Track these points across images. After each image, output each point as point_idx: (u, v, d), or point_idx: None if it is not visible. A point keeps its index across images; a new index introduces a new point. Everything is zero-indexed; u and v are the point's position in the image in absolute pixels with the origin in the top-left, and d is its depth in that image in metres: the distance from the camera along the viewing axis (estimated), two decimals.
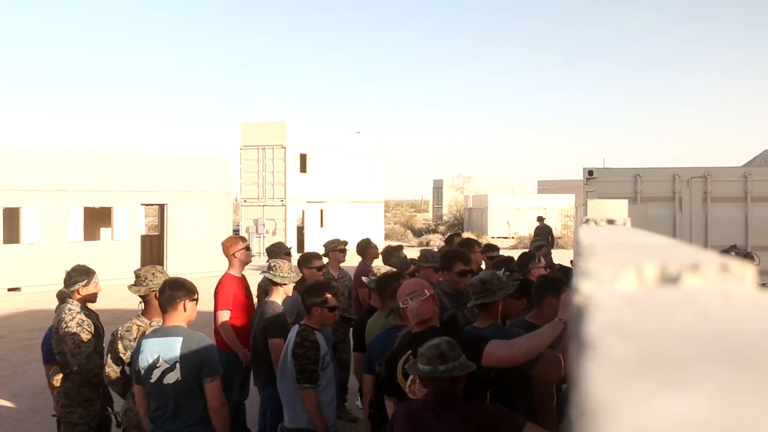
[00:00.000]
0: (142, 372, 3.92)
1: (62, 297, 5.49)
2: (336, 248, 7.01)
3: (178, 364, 3.86)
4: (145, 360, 3.91)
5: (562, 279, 4.47)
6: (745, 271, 0.57)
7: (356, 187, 31.35)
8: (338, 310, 4.61)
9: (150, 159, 19.77)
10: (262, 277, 6.58)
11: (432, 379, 3.02)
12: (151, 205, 21.72)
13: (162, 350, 3.88)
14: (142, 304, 4.65)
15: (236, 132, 29.10)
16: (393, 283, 4.81)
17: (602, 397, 0.33)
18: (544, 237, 19.42)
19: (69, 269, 5.09)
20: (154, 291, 4.50)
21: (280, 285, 5.18)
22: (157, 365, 3.87)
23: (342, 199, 30.15)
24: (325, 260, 6.80)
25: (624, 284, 0.57)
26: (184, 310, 3.98)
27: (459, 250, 5.33)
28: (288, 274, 5.20)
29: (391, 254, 6.55)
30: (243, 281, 5.84)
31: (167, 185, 19.62)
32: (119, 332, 4.51)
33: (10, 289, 16.74)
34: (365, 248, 7.21)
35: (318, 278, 5.90)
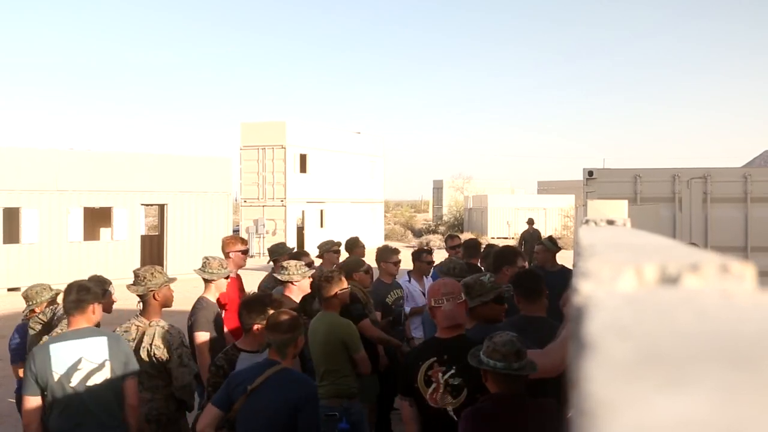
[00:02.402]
0: (56, 378, 3.73)
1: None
2: (330, 249, 6.99)
3: (108, 363, 3.80)
4: (61, 365, 3.74)
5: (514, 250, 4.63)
6: (745, 271, 0.57)
7: (356, 187, 31.35)
8: None
9: (150, 159, 19.76)
10: (262, 277, 6.58)
11: (505, 375, 2.93)
12: (151, 205, 21.73)
13: (85, 351, 3.79)
14: (141, 304, 4.65)
15: (236, 132, 29.12)
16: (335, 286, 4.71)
17: (602, 396, 0.33)
18: (531, 242, 18.19)
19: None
20: (153, 291, 4.52)
21: (210, 281, 5.15)
22: (79, 367, 3.77)
23: (342, 199, 30.15)
24: (320, 262, 6.82)
25: (623, 284, 0.57)
26: (93, 313, 3.94)
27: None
28: (218, 270, 5.17)
29: (383, 254, 6.53)
30: (233, 283, 5.71)
31: (167, 185, 19.62)
32: (118, 333, 4.51)
33: (9, 289, 16.74)
34: (353, 246, 7.18)
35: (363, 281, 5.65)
